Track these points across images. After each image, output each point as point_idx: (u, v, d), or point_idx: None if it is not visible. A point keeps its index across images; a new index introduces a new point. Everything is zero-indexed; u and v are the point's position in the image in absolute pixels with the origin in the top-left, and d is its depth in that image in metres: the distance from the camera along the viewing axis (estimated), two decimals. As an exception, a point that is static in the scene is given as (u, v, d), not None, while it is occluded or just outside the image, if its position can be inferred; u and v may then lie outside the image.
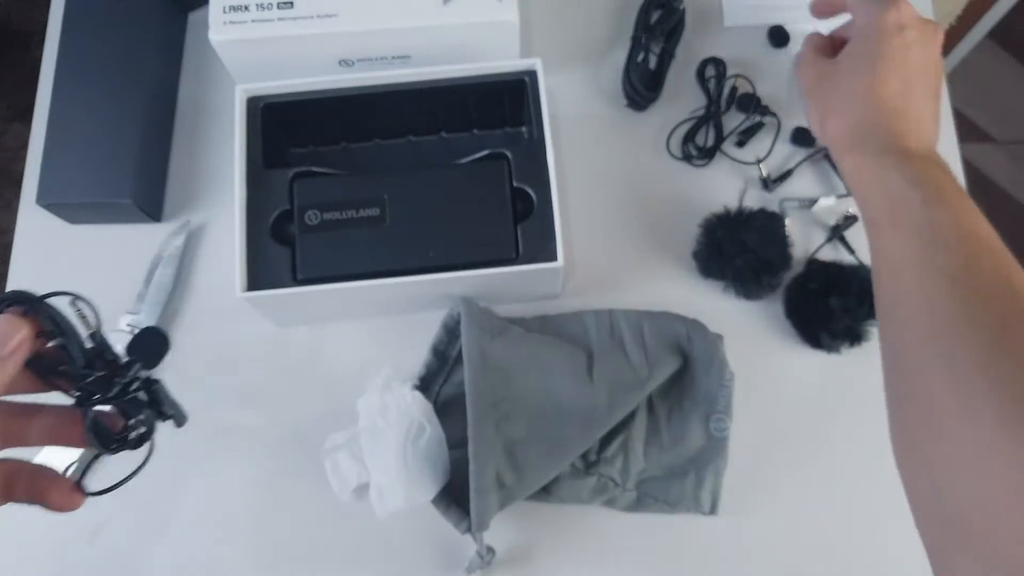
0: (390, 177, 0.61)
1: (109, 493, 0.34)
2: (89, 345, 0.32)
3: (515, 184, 0.60)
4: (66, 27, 0.69)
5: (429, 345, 0.62)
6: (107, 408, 0.33)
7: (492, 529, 0.55)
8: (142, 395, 0.33)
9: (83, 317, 0.32)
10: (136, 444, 0.33)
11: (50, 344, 0.31)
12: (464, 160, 0.62)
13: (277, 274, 0.58)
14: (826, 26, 0.61)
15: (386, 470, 0.56)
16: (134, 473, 0.34)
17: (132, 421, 0.33)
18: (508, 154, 0.61)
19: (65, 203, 0.65)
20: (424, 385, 0.62)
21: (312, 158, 0.64)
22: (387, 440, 0.56)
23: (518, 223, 0.59)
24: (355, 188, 0.60)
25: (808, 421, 0.63)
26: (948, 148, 0.70)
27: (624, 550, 0.60)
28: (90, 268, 0.68)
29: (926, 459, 0.40)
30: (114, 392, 0.32)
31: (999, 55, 1.59)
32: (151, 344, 0.35)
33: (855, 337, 0.62)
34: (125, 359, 0.33)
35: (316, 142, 0.66)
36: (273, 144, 0.62)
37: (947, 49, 1.35)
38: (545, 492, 0.59)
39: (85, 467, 0.34)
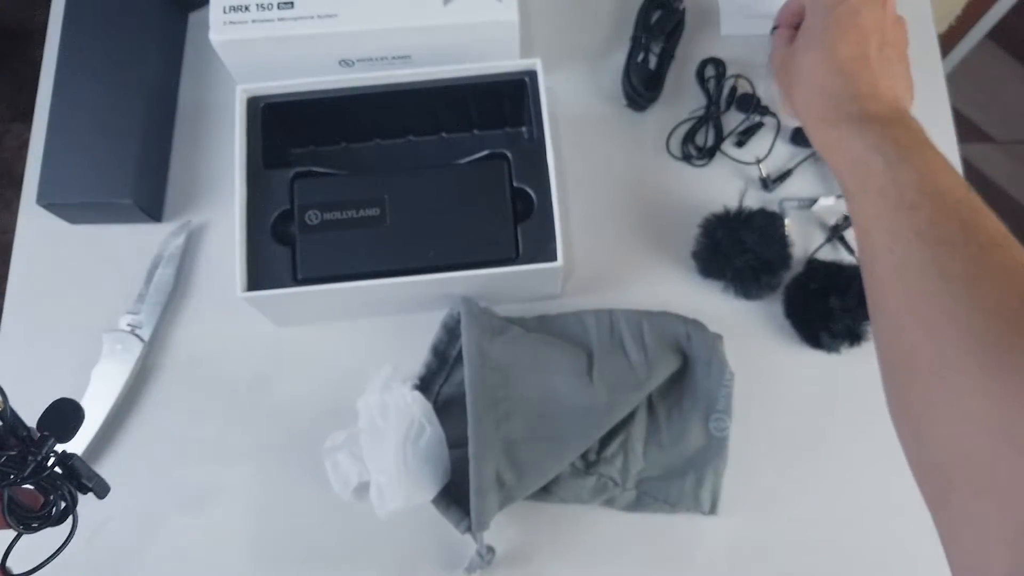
0: (390, 177, 0.61)
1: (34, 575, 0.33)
2: None
3: (515, 184, 0.60)
4: (66, 27, 0.69)
5: (429, 345, 0.62)
6: (26, 486, 0.32)
7: (492, 529, 0.55)
8: (58, 470, 0.33)
9: None
10: (58, 520, 0.32)
11: None
12: (464, 160, 0.62)
13: (277, 274, 0.58)
14: None
15: (386, 470, 0.56)
16: (58, 551, 0.33)
17: (52, 497, 0.32)
18: (508, 154, 0.61)
19: (65, 203, 0.65)
20: (424, 385, 0.62)
21: (312, 158, 0.64)
22: (387, 440, 0.56)
23: (518, 223, 0.59)
24: (355, 188, 0.60)
25: (808, 421, 0.63)
26: (948, 148, 0.70)
27: (624, 550, 0.60)
28: (90, 268, 0.68)
29: (909, 410, 0.41)
30: (29, 470, 0.31)
31: (999, 55, 1.59)
32: (64, 415, 0.33)
33: (855, 337, 0.62)
34: (37, 434, 0.32)
35: (316, 142, 0.66)
36: (273, 144, 0.62)
37: (947, 49, 1.36)
38: (545, 492, 0.59)
39: (7, 549, 0.33)
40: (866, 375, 0.63)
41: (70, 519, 0.33)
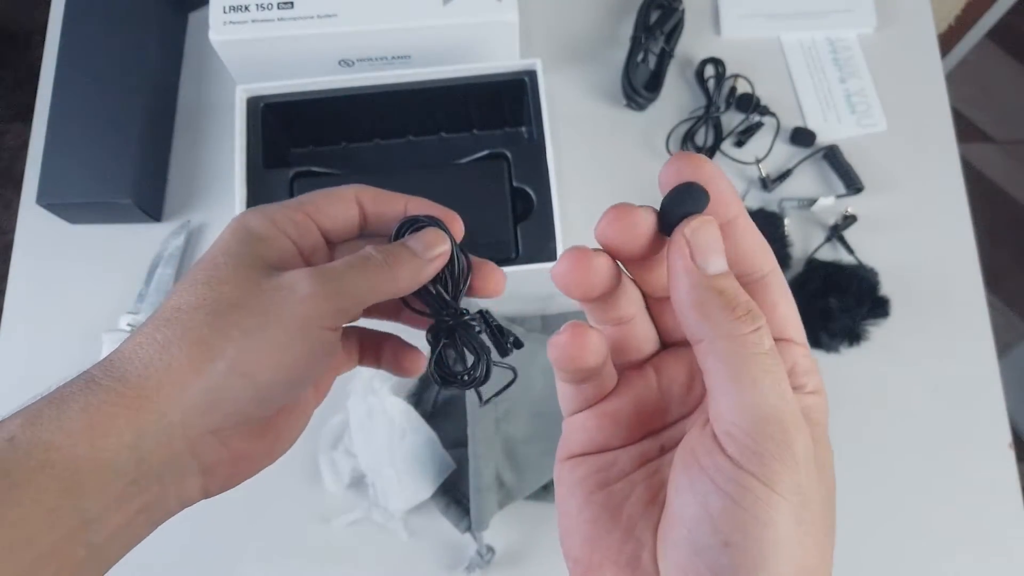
0: (390, 177, 0.61)
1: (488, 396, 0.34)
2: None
3: (515, 184, 0.60)
4: (66, 27, 0.69)
5: (429, 345, 0.62)
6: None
7: (492, 529, 0.55)
8: (484, 337, 0.34)
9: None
10: (471, 384, 0.33)
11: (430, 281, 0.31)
12: (464, 160, 0.63)
13: (277, 274, 0.58)
14: None
15: (379, 472, 0.56)
16: (502, 390, 0.35)
17: (474, 362, 0.33)
18: (508, 154, 0.61)
19: (65, 203, 0.65)
20: (424, 384, 0.62)
21: (312, 158, 0.64)
22: (375, 441, 0.56)
23: (518, 223, 0.59)
24: (355, 188, 0.60)
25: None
26: (948, 148, 0.70)
27: (624, 549, 0.60)
28: (90, 268, 0.68)
29: None
30: (466, 336, 0.33)
31: (999, 55, 1.59)
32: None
33: (854, 337, 0.62)
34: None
35: (316, 142, 0.66)
36: (273, 144, 0.62)
37: (947, 49, 1.36)
38: (545, 491, 0.59)
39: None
40: (866, 375, 0.63)
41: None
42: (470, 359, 0.32)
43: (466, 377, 0.32)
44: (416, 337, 0.35)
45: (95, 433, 0.24)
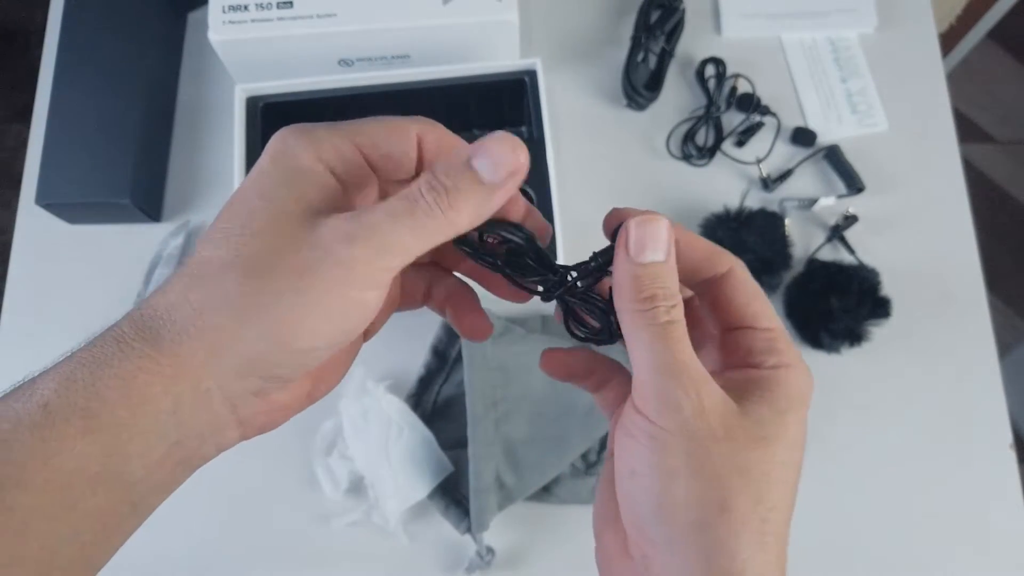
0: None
1: None
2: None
3: (515, 184, 0.60)
4: (65, 27, 0.69)
5: (429, 345, 0.62)
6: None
7: (492, 529, 0.55)
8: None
9: None
10: (613, 339, 0.29)
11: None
12: (464, 160, 0.62)
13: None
14: None
15: (375, 472, 0.56)
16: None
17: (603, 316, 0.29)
18: (508, 154, 0.61)
19: (64, 203, 0.65)
20: (424, 385, 0.62)
21: (312, 158, 0.64)
22: (371, 442, 0.56)
23: (518, 223, 0.59)
24: (355, 188, 0.60)
25: (808, 420, 0.63)
26: (948, 148, 0.70)
27: (624, 550, 0.60)
28: (89, 268, 0.67)
29: None
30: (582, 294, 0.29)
31: (999, 55, 1.59)
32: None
33: (855, 337, 0.62)
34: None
35: (316, 142, 0.66)
36: (272, 144, 0.62)
37: (947, 49, 1.35)
38: (545, 492, 0.59)
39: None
40: (866, 375, 0.63)
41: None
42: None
43: (603, 335, 0.29)
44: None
45: (132, 401, 0.23)
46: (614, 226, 0.27)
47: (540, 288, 0.29)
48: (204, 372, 0.24)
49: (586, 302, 0.29)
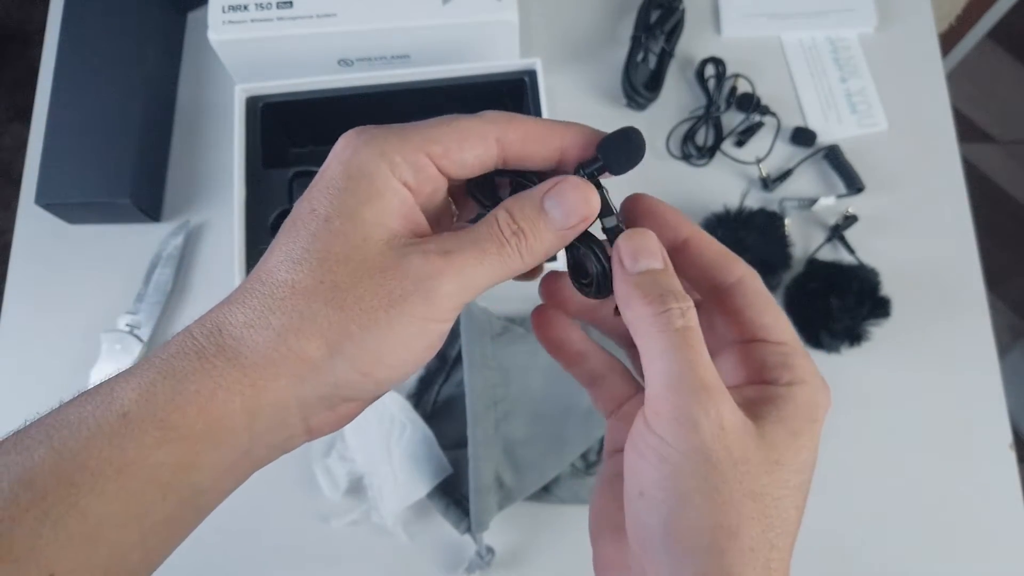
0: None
1: None
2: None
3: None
4: (65, 27, 0.69)
5: (429, 345, 0.62)
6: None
7: (492, 529, 0.55)
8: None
9: None
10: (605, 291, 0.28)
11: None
12: (464, 160, 0.62)
13: (276, 274, 0.58)
14: None
15: (375, 471, 0.56)
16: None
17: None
18: (508, 154, 0.61)
19: (64, 203, 0.65)
20: (424, 384, 0.62)
21: (312, 158, 0.64)
22: (371, 440, 0.56)
23: (518, 223, 0.59)
24: (354, 188, 0.60)
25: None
26: (948, 148, 0.70)
27: (624, 550, 0.60)
28: (89, 268, 0.67)
29: None
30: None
31: (999, 55, 1.59)
32: (627, 146, 0.29)
33: (855, 337, 0.62)
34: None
35: (316, 142, 0.66)
36: (273, 144, 0.62)
37: (947, 49, 1.35)
38: (545, 492, 0.59)
39: None
40: (867, 375, 0.63)
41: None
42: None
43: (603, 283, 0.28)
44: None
45: (211, 416, 0.23)
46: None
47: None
48: (287, 394, 0.24)
49: (589, 245, 0.28)
